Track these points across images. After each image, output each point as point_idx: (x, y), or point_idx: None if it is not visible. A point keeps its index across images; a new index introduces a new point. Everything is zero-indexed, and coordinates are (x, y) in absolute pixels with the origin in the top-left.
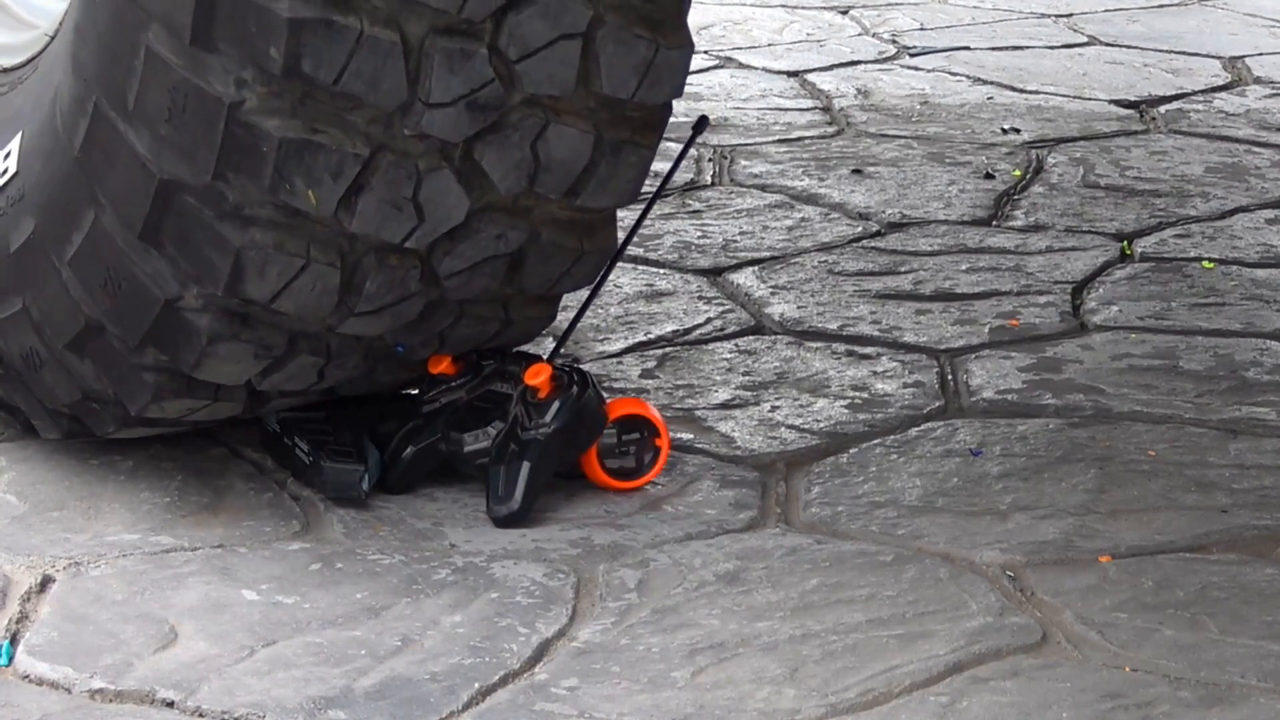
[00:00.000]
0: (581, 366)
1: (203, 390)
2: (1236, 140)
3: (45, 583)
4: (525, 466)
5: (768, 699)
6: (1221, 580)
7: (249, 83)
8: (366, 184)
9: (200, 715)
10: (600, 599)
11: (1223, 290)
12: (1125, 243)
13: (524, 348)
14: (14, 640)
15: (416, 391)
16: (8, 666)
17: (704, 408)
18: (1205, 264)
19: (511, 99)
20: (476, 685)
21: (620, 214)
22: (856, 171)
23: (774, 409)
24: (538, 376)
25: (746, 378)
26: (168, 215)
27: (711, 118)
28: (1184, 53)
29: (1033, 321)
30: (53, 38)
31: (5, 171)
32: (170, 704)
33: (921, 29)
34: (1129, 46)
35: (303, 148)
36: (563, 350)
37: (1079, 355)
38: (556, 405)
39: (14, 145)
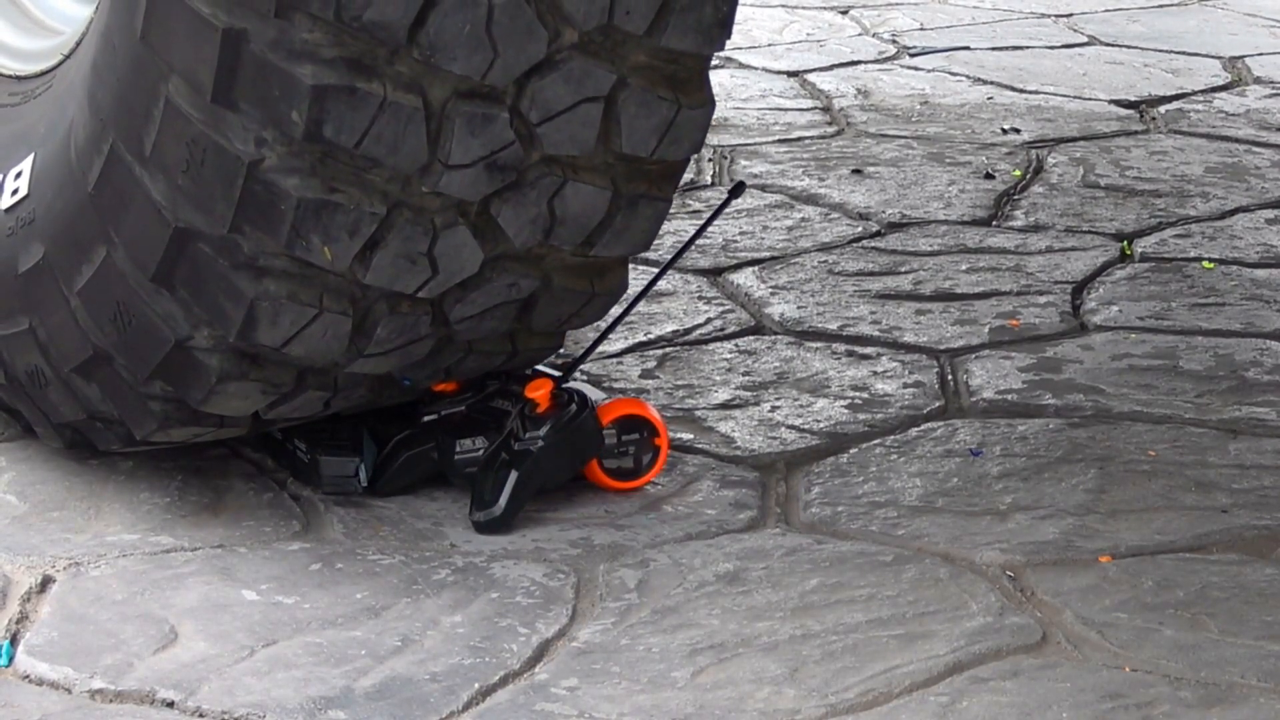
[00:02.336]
0: (584, 390)
1: (209, 419)
2: (1236, 140)
3: (45, 583)
4: (513, 475)
5: (768, 699)
6: (1221, 580)
7: (269, 142)
8: (382, 240)
9: (200, 715)
10: (600, 599)
11: (1223, 290)
12: (1125, 243)
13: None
14: (14, 640)
15: (417, 400)
16: (8, 666)
17: (704, 408)
18: (1205, 264)
19: (530, 158)
20: (476, 685)
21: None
22: (856, 171)
23: (774, 409)
24: (538, 390)
25: (746, 378)
26: (181, 261)
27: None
28: (1184, 53)
29: (1033, 321)
30: (67, 57)
31: (16, 191)
32: (170, 704)
33: (921, 29)
34: (1129, 46)
35: (320, 207)
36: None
37: (1079, 355)
38: (552, 421)
39: (26, 166)
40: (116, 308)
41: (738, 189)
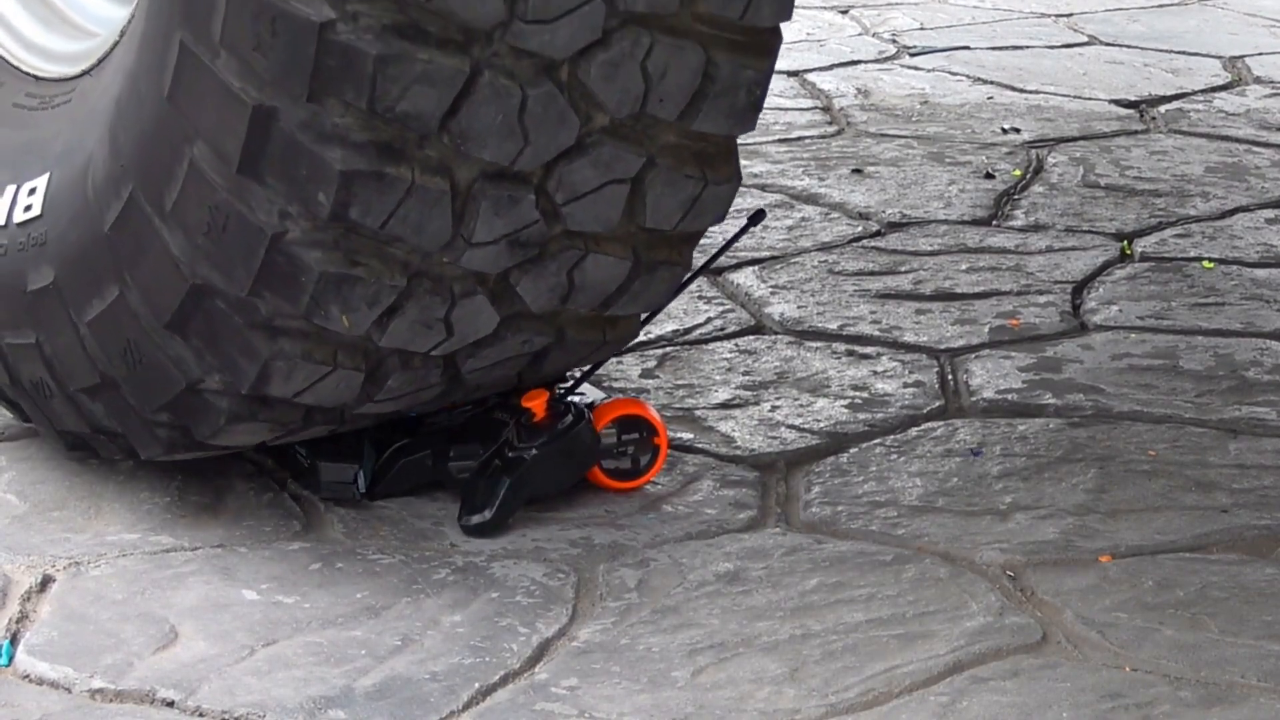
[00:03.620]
0: (584, 396)
1: (215, 447)
2: (1236, 140)
3: (45, 583)
4: (505, 481)
5: (768, 699)
6: (1221, 580)
7: (293, 216)
8: (401, 308)
9: (200, 715)
10: (600, 599)
11: (1223, 290)
12: (1125, 243)
13: None
14: (14, 640)
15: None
16: (8, 666)
17: (704, 407)
18: (1205, 264)
19: (553, 233)
20: (476, 685)
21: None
22: (856, 171)
23: (774, 409)
24: (534, 400)
25: (746, 377)
26: (196, 315)
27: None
28: (1184, 53)
29: (1033, 321)
30: (88, 71)
31: (29, 208)
32: (170, 704)
33: (921, 29)
34: (1129, 46)
35: (341, 280)
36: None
37: (1079, 355)
38: (548, 431)
39: (41, 185)
40: (127, 344)
41: (757, 217)
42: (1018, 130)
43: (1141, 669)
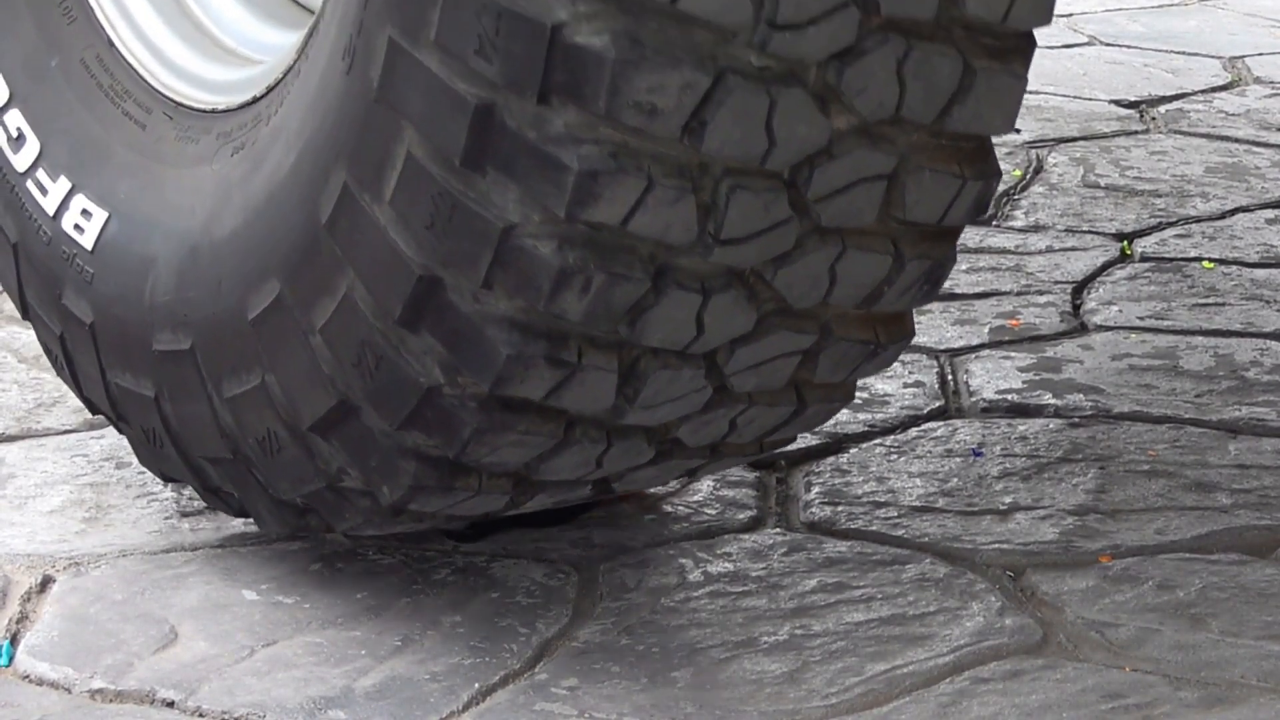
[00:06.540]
0: None
1: (468, 475)
2: (1236, 140)
3: (45, 583)
4: None
5: (768, 699)
6: (1222, 580)
7: (526, 212)
8: (650, 306)
9: (200, 715)
10: (600, 599)
11: (1223, 290)
12: (1125, 243)
13: None
14: (14, 640)
15: None
16: (8, 666)
17: None
18: (1205, 264)
19: (805, 229)
20: (476, 685)
21: None
22: None
23: None
24: None
25: None
26: (429, 306)
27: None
28: (1184, 53)
29: (1033, 321)
30: (252, 103)
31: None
32: (170, 704)
33: None
34: (1129, 46)
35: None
36: None
37: (1079, 355)
38: None
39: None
40: (361, 348)
41: None
42: (1017, 130)
43: (1141, 669)
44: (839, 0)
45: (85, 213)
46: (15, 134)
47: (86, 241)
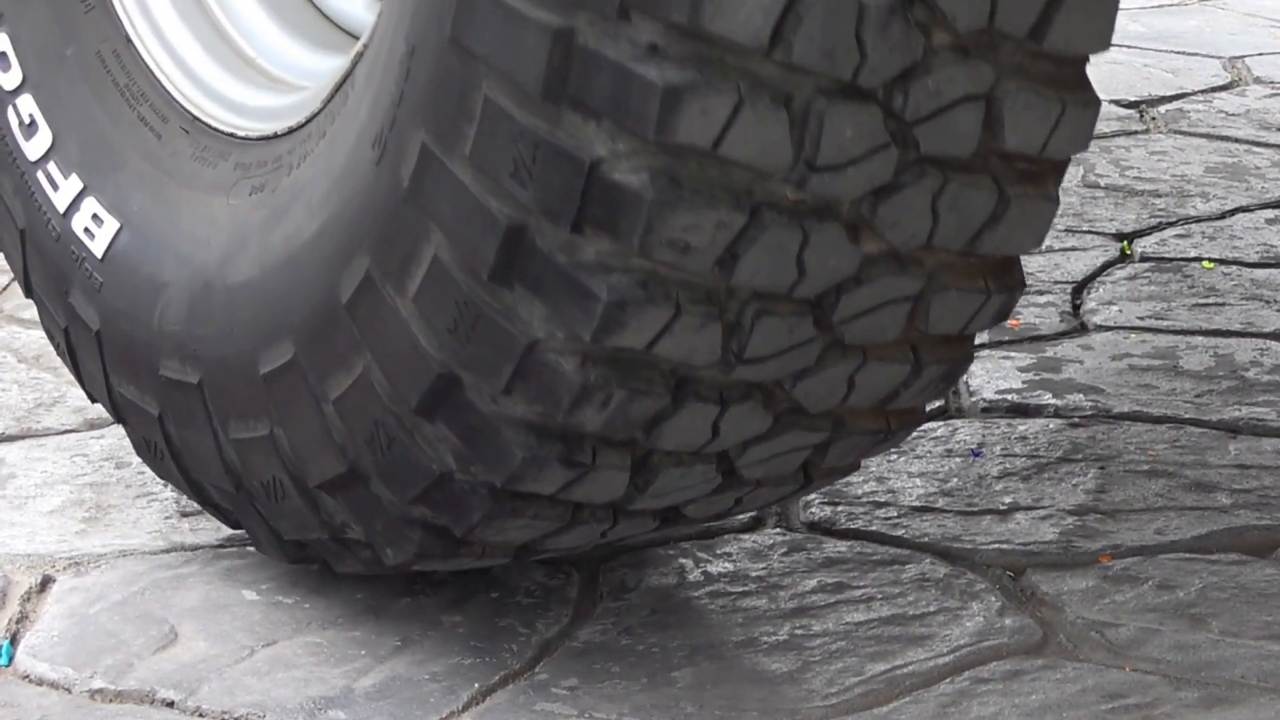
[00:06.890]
0: None
1: (472, 548)
2: (1236, 140)
3: (45, 583)
4: None
5: (768, 699)
6: (1222, 580)
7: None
8: (668, 416)
9: (200, 715)
10: (600, 599)
11: (1223, 290)
12: (1125, 243)
13: None
14: (14, 640)
15: None
16: (8, 666)
17: None
18: (1205, 264)
19: (828, 343)
20: (476, 685)
21: None
22: None
23: None
24: None
25: None
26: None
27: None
28: (1184, 53)
29: (1033, 321)
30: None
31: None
32: (170, 704)
33: None
34: (1129, 46)
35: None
36: None
37: (1079, 355)
38: None
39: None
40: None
41: None
42: None
43: (1141, 669)
44: (880, 141)
45: (96, 218)
46: (28, 120)
47: (96, 248)
